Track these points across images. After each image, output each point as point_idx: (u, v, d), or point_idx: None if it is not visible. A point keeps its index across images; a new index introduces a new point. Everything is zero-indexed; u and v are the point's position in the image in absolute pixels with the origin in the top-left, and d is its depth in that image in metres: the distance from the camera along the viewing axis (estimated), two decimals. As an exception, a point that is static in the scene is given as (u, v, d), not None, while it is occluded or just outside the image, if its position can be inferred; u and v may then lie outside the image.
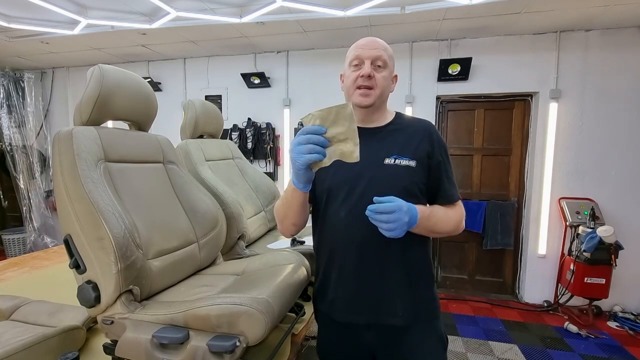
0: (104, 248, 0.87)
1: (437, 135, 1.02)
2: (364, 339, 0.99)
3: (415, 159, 0.96)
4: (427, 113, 3.35)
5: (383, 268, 0.95)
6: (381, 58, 0.97)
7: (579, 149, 3.08)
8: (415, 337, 0.98)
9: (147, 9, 2.72)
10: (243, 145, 3.67)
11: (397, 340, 0.98)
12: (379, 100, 1.00)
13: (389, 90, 1.03)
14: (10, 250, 4.26)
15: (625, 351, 2.51)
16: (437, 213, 0.95)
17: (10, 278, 1.81)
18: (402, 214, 0.81)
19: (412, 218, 0.84)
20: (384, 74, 0.98)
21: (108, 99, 1.04)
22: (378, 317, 0.96)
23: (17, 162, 4.20)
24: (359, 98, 0.98)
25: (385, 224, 0.81)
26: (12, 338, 1.02)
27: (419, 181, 0.97)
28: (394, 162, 0.96)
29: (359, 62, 0.98)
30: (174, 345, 0.85)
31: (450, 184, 1.01)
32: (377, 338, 0.99)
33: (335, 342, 1.04)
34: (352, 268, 0.96)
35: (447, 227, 0.98)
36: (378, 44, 1.00)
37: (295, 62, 3.64)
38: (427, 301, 1.01)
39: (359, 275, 0.96)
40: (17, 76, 4.18)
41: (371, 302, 0.96)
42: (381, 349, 1.00)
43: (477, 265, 3.53)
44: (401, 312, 0.96)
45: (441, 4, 2.51)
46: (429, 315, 1.01)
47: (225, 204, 1.48)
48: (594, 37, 2.99)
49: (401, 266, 0.96)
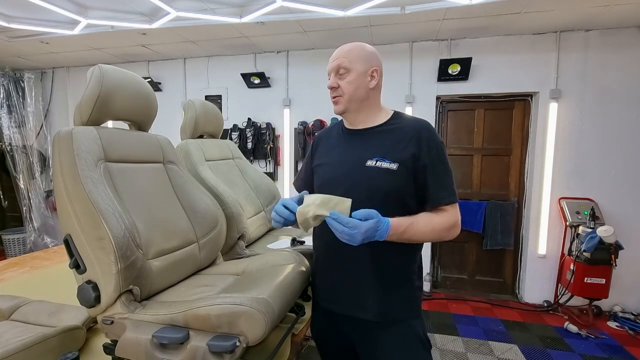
0: (104, 248, 0.87)
1: (427, 136, 0.98)
2: (343, 328, 1.07)
3: (398, 161, 0.96)
4: (427, 113, 3.35)
5: (357, 266, 1.01)
6: (341, 65, 1.02)
7: (579, 149, 3.08)
8: (391, 335, 1.01)
9: (147, 9, 2.72)
10: (243, 145, 3.67)
11: (372, 335, 1.02)
12: (353, 104, 1.04)
13: (362, 90, 1.03)
14: (10, 250, 4.26)
15: (625, 351, 2.51)
16: (416, 225, 0.93)
17: (10, 278, 1.81)
18: (358, 234, 0.84)
19: (376, 235, 0.87)
20: (348, 79, 1.02)
21: (108, 99, 1.04)
22: (351, 310, 1.03)
23: (17, 162, 4.20)
24: (334, 107, 1.07)
25: (339, 233, 0.85)
26: (12, 338, 1.02)
27: (401, 185, 0.96)
28: (375, 164, 0.98)
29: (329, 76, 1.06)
30: (174, 345, 0.85)
31: (438, 187, 0.97)
32: (353, 329, 1.05)
33: (321, 325, 1.15)
34: (333, 262, 1.06)
35: (430, 237, 0.97)
36: (340, 53, 1.05)
37: (295, 62, 3.64)
38: (402, 301, 1.02)
39: (337, 269, 1.05)
40: (17, 76, 4.18)
41: (346, 295, 1.04)
42: (358, 341, 1.05)
43: (477, 265, 3.53)
44: (371, 308, 1.00)
45: (441, 4, 2.51)
46: (405, 315, 1.02)
47: (225, 204, 1.48)
48: (594, 37, 2.99)
49: (373, 267, 1.00)
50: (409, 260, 1.04)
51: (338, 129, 1.15)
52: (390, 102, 1.15)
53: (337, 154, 1.09)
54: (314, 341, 1.20)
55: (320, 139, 1.20)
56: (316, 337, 1.19)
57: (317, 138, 1.21)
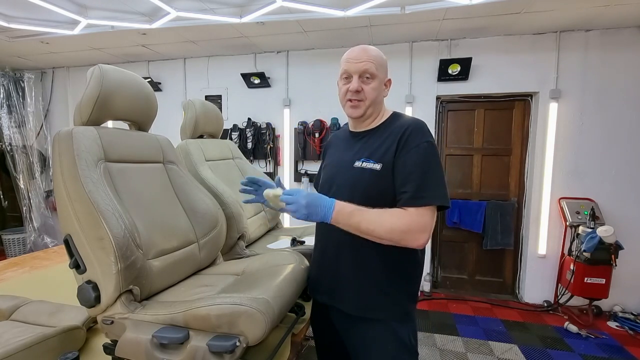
0: (104, 248, 0.87)
1: (411, 133, 0.95)
2: (330, 317, 1.13)
3: (381, 162, 0.97)
4: (427, 113, 3.35)
5: (338, 261, 1.06)
6: (368, 71, 1.00)
7: (579, 149, 3.08)
8: (371, 333, 1.02)
9: (147, 9, 2.72)
10: (243, 145, 3.67)
11: (355, 329, 1.05)
12: (370, 109, 1.04)
13: (380, 97, 1.05)
14: (10, 250, 4.26)
15: (625, 351, 2.51)
16: (365, 214, 0.90)
17: (10, 278, 1.81)
18: (300, 200, 0.91)
19: (320, 210, 0.91)
20: (373, 85, 1.01)
21: (108, 99, 1.04)
22: (332, 300, 1.09)
23: (17, 162, 4.20)
24: (349, 110, 1.05)
25: (287, 204, 0.93)
26: (12, 338, 1.02)
27: (382, 185, 0.96)
28: (361, 165, 1.00)
29: (347, 76, 1.03)
30: (174, 345, 0.85)
31: (402, 184, 0.92)
32: (336, 319, 1.11)
33: (315, 313, 1.21)
34: (321, 255, 1.14)
35: (380, 233, 0.89)
36: (365, 56, 1.00)
37: (295, 62, 3.64)
38: (383, 301, 1.01)
39: (323, 262, 1.12)
40: (17, 76, 4.18)
41: (329, 287, 1.09)
42: (342, 332, 1.10)
43: (477, 265, 3.53)
44: (349, 300, 1.04)
45: (441, 4, 2.51)
46: (386, 315, 1.01)
47: (225, 204, 1.48)
48: (594, 37, 2.98)
49: (352, 260, 1.03)
50: (396, 261, 1.00)
51: (345, 131, 1.18)
52: (390, 102, 1.16)
53: (337, 155, 1.14)
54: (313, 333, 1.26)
55: (331, 142, 1.26)
56: (314, 328, 1.25)
57: (329, 141, 1.27)
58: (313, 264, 1.19)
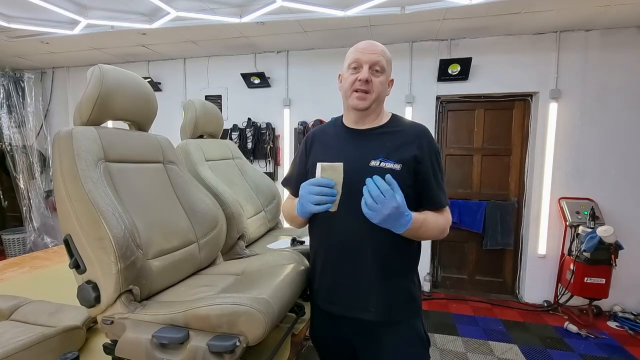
0: (104, 248, 0.87)
1: (428, 140, 1.02)
2: (342, 329, 1.06)
3: (400, 162, 0.97)
4: (427, 113, 3.35)
5: (359, 265, 1.00)
6: (379, 63, 1.01)
7: (579, 149, 3.08)
8: (392, 336, 1.01)
9: (147, 9, 2.72)
10: (243, 145, 3.67)
11: (373, 335, 1.02)
12: (375, 103, 1.03)
13: (384, 95, 1.06)
14: (10, 250, 4.26)
15: (625, 351, 2.51)
16: (428, 221, 0.97)
17: (10, 278, 1.81)
18: (388, 206, 0.84)
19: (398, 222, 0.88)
20: (381, 79, 1.02)
21: (108, 99, 1.04)
22: (351, 311, 1.02)
23: (17, 162, 4.20)
24: (355, 101, 1.02)
25: (370, 199, 0.85)
26: (12, 338, 1.02)
27: (402, 185, 0.95)
28: (379, 164, 0.98)
29: (357, 66, 1.02)
30: (174, 345, 0.85)
31: (439, 190, 1.02)
32: (353, 330, 1.04)
33: (321, 326, 1.13)
34: (332, 262, 1.04)
35: (433, 234, 1.00)
36: (377, 49, 1.02)
37: (295, 62, 3.64)
38: (404, 301, 1.02)
39: (337, 270, 1.03)
40: (17, 76, 4.18)
41: (347, 296, 1.02)
42: (358, 341, 1.05)
43: (477, 265, 3.53)
44: (374, 308, 0.99)
45: (441, 4, 2.51)
46: (407, 315, 1.03)
47: (225, 204, 1.48)
48: (594, 37, 2.99)
49: (376, 265, 0.99)
50: (411, 259, 1.06)
51: (335, 127, 1.13)
52: (390, 102, 1.16)
53: (338, 153, 1.06)
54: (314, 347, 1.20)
55: (315, 138, 1.15)
56: (316, 344, 1.17)
57: (311, 136, 1.17)
58: (321, 273, 1.07)
